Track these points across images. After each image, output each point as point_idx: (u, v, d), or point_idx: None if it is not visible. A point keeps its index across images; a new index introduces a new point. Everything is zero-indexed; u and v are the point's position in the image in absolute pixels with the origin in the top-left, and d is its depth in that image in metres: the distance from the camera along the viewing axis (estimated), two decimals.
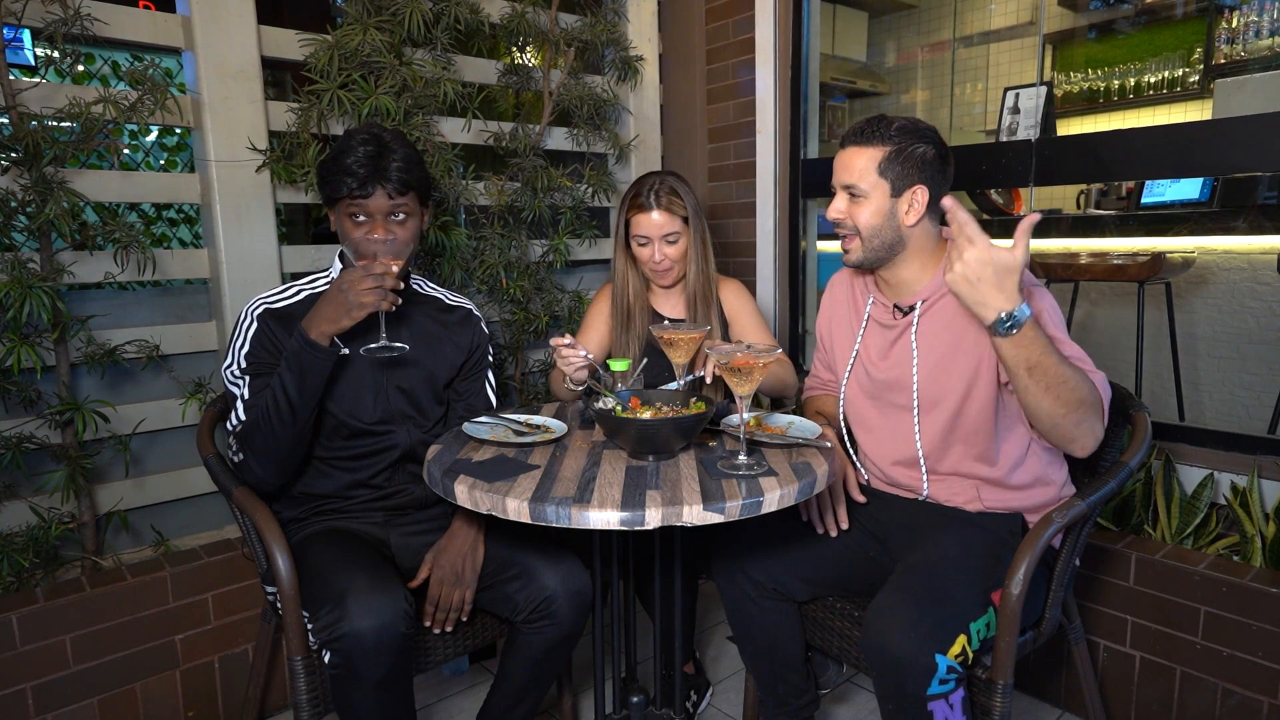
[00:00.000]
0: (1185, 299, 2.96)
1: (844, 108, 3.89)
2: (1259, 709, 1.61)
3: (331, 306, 1.38)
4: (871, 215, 1.43)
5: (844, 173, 1.45)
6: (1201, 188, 2.86)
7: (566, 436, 1.50)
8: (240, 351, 1.51)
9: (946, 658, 1.22)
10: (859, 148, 1.43)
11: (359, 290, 1.36)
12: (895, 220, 1.43)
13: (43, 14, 1.71)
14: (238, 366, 1.50)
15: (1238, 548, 1.78)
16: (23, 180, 1.69)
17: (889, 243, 1.45)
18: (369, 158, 1.47)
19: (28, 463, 1.74)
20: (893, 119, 1.43)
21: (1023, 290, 1.19)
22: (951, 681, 1.23)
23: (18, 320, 1.64)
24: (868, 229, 1.44)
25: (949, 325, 1.45)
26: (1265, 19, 3.05)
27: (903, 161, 1.40)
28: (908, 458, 1.54)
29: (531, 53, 2.64)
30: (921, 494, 1.55)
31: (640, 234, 1.85)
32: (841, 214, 1.46)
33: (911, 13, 4.17)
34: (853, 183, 1.43)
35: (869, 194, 1.42)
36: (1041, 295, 1.40)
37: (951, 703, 1.23)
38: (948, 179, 1.46)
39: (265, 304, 1.53)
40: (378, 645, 1.28)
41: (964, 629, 1.26)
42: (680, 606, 1.58)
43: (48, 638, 1.64)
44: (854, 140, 1.44)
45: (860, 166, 1.42)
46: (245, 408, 1.47)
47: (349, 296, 1.36)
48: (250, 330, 1.50)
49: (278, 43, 2.04)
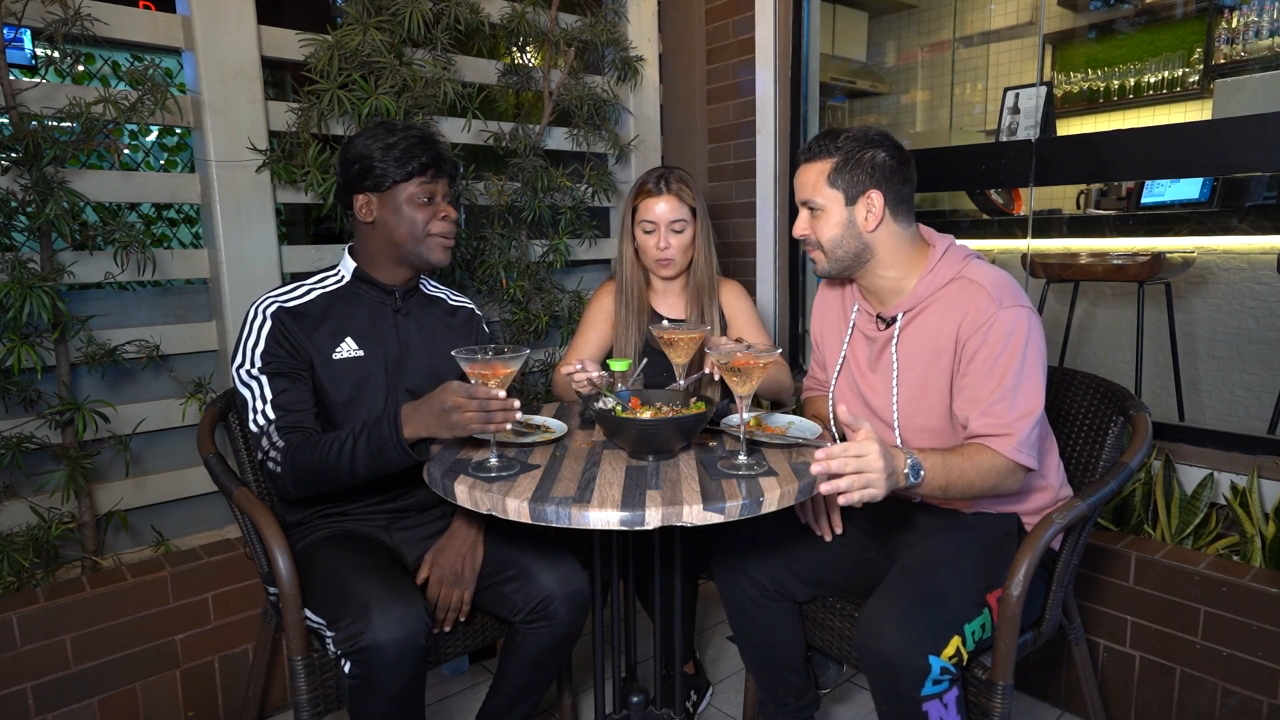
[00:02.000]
0: (1185, 299, 2.96)
1: (844, 108, 3.90)
2: (1259, 709, 1.61)
3: (434, 420, 1.30)
4: (830, 227, 1.45)
5: (799, 189, 1.49)
6: (1201, 188, 2.86)
7: (566, 436, 1.50)
8: (254, 350, 1.46)
9: (940, 659, 1.22)
10: (809, 163, 1.47)
11: (466, 419, 1.26)
12: (855, 229, 1.44)
13: (43, 14, 1.71)
14: (252, 366, 1.46)
15: (1238, 548, 1.78)
16: (23, 180, 1.69)
17: (853, 252, 1.46)
18: (425, 140, 1.53)
19: (28, 463, 1.74)
20: (841, 130, 1.46)
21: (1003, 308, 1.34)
22: (945, 682, 1.23)
23: (18, 320, 1.64)
24: (829, 241, 1.46)
25: (932, 342, 1.44)
26: (1265, 19, 3.05)
27: (851, 169, 1.42)
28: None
29: (531, 53, 2.64)
30: (916, 498, 1.55)
31: (647, 219, 1.85)
32: (805, 230, 1.49)
33: (911, 13, 4.17)
34: (807, 198, 1.47)
35: (825, 207, 1.45)
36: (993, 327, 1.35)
37: (946, 702, 1.24)
38: (908, 180, 1.46)
39: (278, 302, 1.50)
40: (400, 658, 1.28)
41: (958, 630, 1.26)
42: (680, 606, 1.58)
43: (48, 638, 1.64)
44: (804, 156, 1.48)
45: (811, 181, 1.46)
46: (276, 406, 1.43)
47: (453, 418, 1.27)
48: (264, 328, 1.47)
49: (278, 43, 2.04)
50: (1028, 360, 1.35)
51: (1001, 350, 1.35)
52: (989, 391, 1.35)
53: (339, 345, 1.52)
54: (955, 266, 1.45)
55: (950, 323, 1.41)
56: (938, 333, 1.43)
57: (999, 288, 1.39)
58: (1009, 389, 1.34)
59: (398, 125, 1.55)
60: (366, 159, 1.51)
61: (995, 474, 1.33)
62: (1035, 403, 1.35)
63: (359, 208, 1.54)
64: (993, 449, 1.33)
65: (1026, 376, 1.35)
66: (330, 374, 1.50)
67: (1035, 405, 1.35)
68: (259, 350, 1.46)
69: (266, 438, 1.42)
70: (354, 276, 1.58)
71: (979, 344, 1.36)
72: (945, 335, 1.42)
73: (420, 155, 1.51)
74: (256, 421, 1.44)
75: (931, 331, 1.44)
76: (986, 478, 1.32)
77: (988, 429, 1.34)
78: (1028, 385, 1.35)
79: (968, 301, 1.39)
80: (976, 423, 1.36)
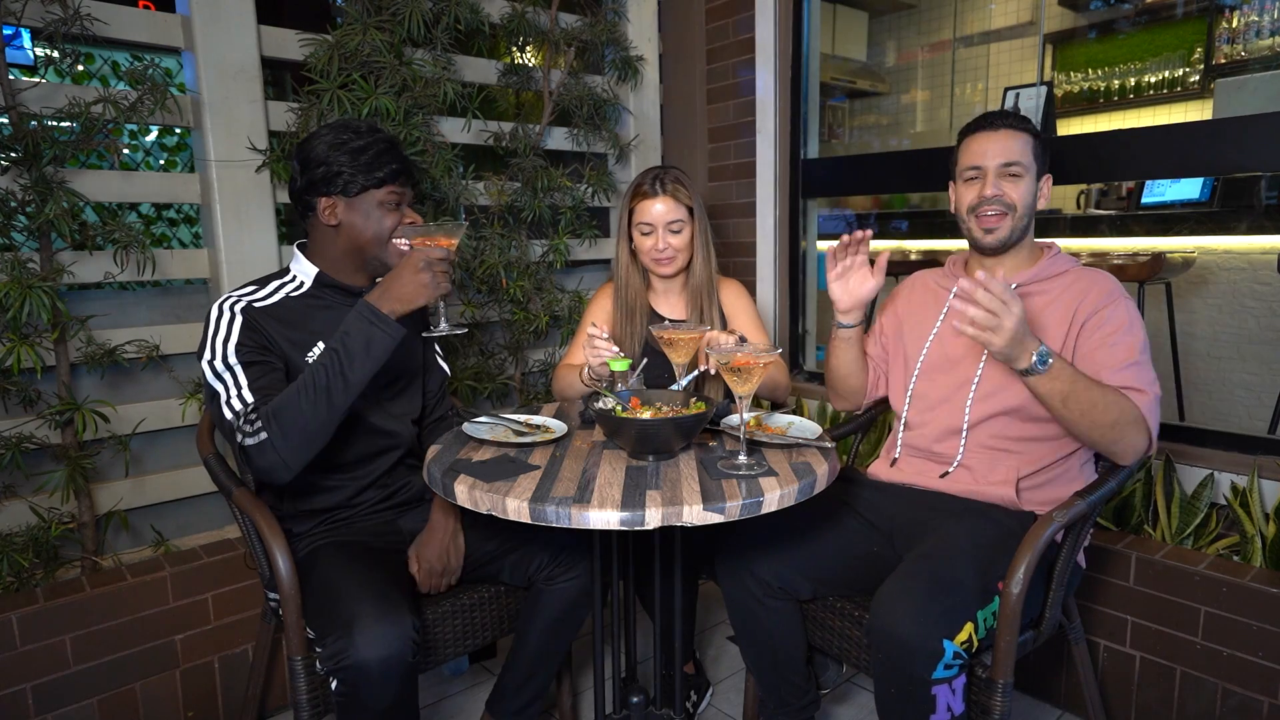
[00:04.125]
0: (1185, 299, 2.96)
1: (844, 108, 3.90)
2: (1259, 709, 1.61)
3: (409, 287, 1.36)
4: (1026, 193, 1.54)
5: (1005, 153, 1.54)
6: (1201, 188, 2.86)
7: (566, 436, 1.50)
8: (225, 344, 1.40)
9: (954, 644, 1.24)
10: (1014, 131, 1.54)
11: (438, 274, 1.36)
12: (1034, 202, 1.56)
13: (43, 14, 1.71)
14: (225, 358, 1.39)
15: (1238, 548, 1.78)
16: (23, 180, 1.69)
17: (1026, 225, 1.57)
18: (393, 146, 1.53)
19: (28, 463, 1.74)
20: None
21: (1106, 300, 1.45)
22: (955, 667, 1.24)
23: (18, 320, 1.64)
24: (1023, 205, 1.54)
25: (1043, 313, 1.52)
26: (1265, 19, 3.05)
27: (1043, 149, 1.56)
28: (953, 428, 1.60)
29: (531, 53, 2.64)
30: (952, 464, 1.59)
31: (645, 221, 1.84)
32: (999, 191, 1.54)
33: (911, 13, 4.17)
34: (1015, 159, 1.53)
35: (1025, 173, 1.53)
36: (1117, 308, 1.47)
37: (954, 688, 1.25)
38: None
39: (246, 299, 1.46)
40: (384, 676, 1.27)
41: (971, 617, 1.28)
42: (680, 606, 1.58)
43: (48, 638, 1.64)
44: (1007, 124, 1.55)
45: (1019, 147, 1.53)
46: (254, 390, 1.36)
47: (426, 279, 1.35)
48: (235, 324, 1.41)
49: (278, 42, 2.04)
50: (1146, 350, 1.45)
51: (1129, 328, 1.44)
52: (1122, 358, 1.42)
53: (310, 351, 1.49)
54: (1070, 262, 1.58)
55: (1065, 306, 1.50)
56: (1052, 306, 1.52)
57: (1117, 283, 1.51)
58: (1139, 362, 1.42)
59: (361, 128, 1.51)
60: (333, 163, 1.47)
61: (1121, 413, 1.35)
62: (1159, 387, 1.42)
63: (322, 210, 1.50)
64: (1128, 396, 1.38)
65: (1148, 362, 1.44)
66: None
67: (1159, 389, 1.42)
68: (231, 343, 1.40)
69: (245, 419, 1.34)
70: (316, 282, 1.54)
71: (1108, 317, 1.45)
72: (1062, 308, 1.50)
73: (391, 162, 1.50)
74: (231, 406, 1.36)
75: (1043, 304, 1.53)
76: (1110, 410, 1.35)
77: (1125, 382, 1.40)
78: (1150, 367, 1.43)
79: (1090, 284, 1.50)
80: (1113, 378, 1.41)
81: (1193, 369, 2.95)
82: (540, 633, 1.59)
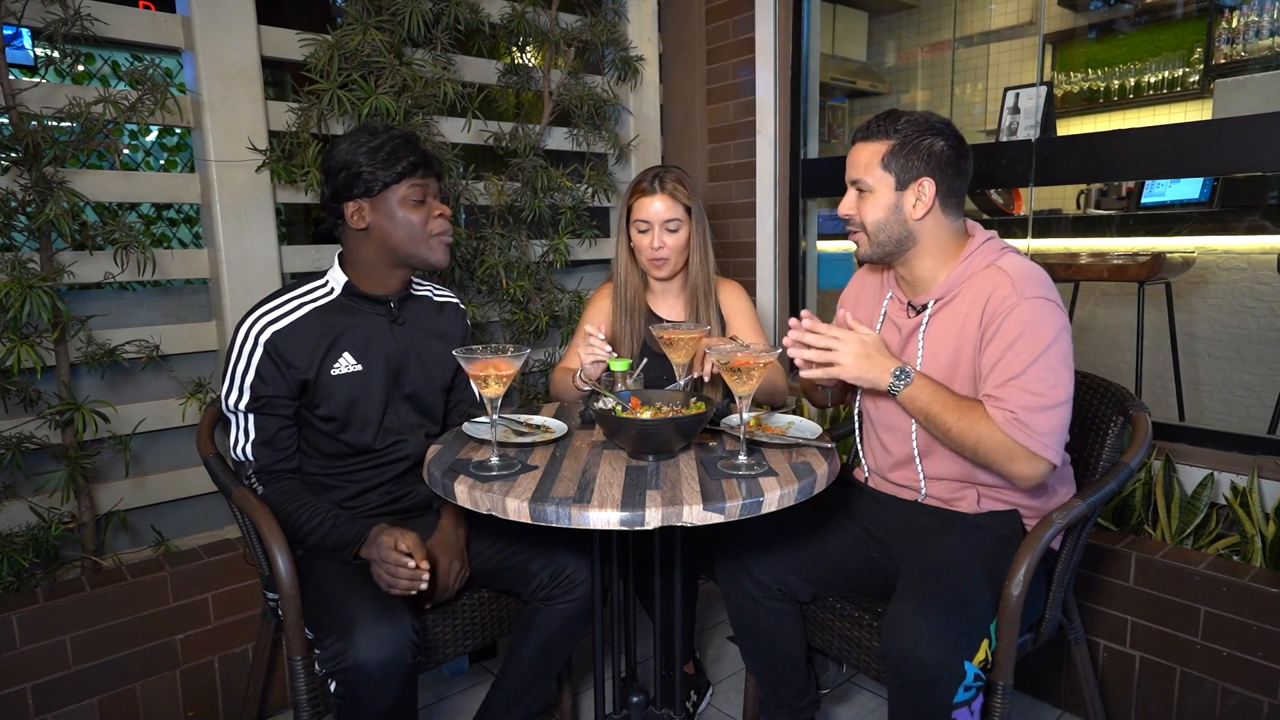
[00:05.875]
0: (1185, 299, 2.96)
1: (844, 108, 3.89)
2: (1259, 709, 1.61)
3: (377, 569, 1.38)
4: (876, 210, 1.43)
5: (851, 168, 1.47)
6: (1201, 188, 2.86)
7: (566, 436, 1.50)
8: (245, 380, 1.46)
9: (973, 664, 1.21)
10: (865, 142, 1.45)
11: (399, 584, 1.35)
12: (901, 215, 1.43)
13: (43, 14, 1.71)
14: (240, 399, 1.47)
15: (1238, 548, 1.78)
16: (23, 180, 1.69)
17: (896, 238, 1.44)
18: (410, 140, 1.53)
19: (28, 463, 1.74)
20: (903, 113, 1.44)
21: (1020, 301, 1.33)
22: (974, 689, 1.22)
23: (18, 320, 1.64)
24: (873, 224, 1.44)
25: (958, 331, 1.43)
26: (1265, 19, 3.05)
27: (907, 154, 1.40)
28: (905, 457, 1.54)
29: (531, 53, 2.64)
30: (920, 494, 1.55)
31: (642, 219, 1.84)
32: (850, 210, 1.47)
33: (911, 13, 4.17)
34: (858, 177, 1.45)
35: (874, 188, 1.43)
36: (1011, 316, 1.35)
37: (973, 710, 1.23)
38: (963, 172, 1.44)
39: (270, 325, 1.47)
40: (384, 678, 1.27)
41: (985, 633, 1.26)
42: (680, 606, 1.58)
43: (48, 638, 1.64)
44: (861, 135, 1.46)
45: (865, 161, 1.44)
46: (256, 445, 1.48)
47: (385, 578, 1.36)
48: (256, 357, 1.46)
49: (278, 43, 2.04)
50: (1049, 352, 1.31)
51: (1017, 337, 1.32)
52: (1001, 374, 1.33)
53: (337, 361, 1.51)
54: (989, 257, 1.43)
55: (975, 310, 1.40)
56: (964, 322, 1.41)
57: (1024, 277, 1.36)
58: (1018, 376, 1.31)
59: (378, 128, 1.53)
60: (353, 165, 1.48)
61: (980, 437, 1.32)
62: (1054, 395, 1.31)
63: (350, 215, 1.51)
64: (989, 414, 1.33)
65: (1045, 368, 1.31)
66: (327, 390, 1.50)
67: (1054, 398, 1.31)
68: (249, 381, 1.46)
69: (251, 470, 1.50)
70: (345, 291, 1.56)
71: (995, 330, 1.35)
72: (970, 323, 1.40)
73: (408, 155, 1.50)
74: (238, 453, 1.51)
75: (959, 321, 1.43)
76: (968, 434, 1.33)
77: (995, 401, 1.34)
78: (1045, 376, 1.31)
79: (991, 289, 1.38)
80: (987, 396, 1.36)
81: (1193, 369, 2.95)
82: (534, 651, 1.55)
